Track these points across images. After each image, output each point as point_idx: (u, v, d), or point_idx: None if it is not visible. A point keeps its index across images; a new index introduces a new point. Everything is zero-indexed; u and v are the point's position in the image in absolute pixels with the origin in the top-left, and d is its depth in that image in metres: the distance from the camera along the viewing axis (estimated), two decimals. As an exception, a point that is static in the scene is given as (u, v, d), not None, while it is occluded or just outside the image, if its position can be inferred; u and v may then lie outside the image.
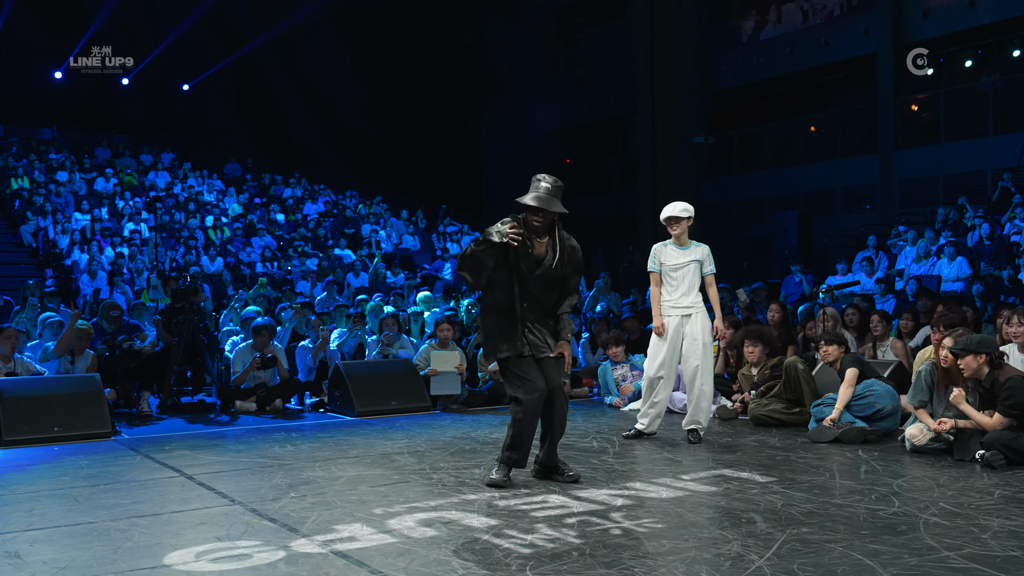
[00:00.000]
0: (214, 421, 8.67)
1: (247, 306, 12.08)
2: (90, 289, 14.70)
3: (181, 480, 5.71)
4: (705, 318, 7.01)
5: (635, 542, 4.10)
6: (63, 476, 5.89)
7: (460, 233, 21.49)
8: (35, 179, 20.98)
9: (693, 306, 6.98)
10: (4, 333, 8.26)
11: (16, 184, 20.47)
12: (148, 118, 26.16)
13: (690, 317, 6.97)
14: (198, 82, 27.00)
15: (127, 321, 10.25)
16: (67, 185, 20.85)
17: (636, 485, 5.31)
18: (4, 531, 4.46)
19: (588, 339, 11.33)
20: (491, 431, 7.60)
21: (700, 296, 7.05)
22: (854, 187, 20.32)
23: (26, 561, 3.93)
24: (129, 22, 23.62)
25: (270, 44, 25.04)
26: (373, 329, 10.63)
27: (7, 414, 7.28)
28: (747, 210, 21.83)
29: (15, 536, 4.36)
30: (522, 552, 3.96)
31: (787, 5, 21.75)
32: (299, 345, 10.27)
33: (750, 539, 4.12)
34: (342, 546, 4.08)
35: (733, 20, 22.88)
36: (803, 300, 12.87)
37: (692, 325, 6.95)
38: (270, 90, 25.84)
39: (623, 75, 24.18)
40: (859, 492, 5.09)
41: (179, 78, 26.99)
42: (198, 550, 4.05)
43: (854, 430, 6.75)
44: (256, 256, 18.31)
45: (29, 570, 3.79)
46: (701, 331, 6.94)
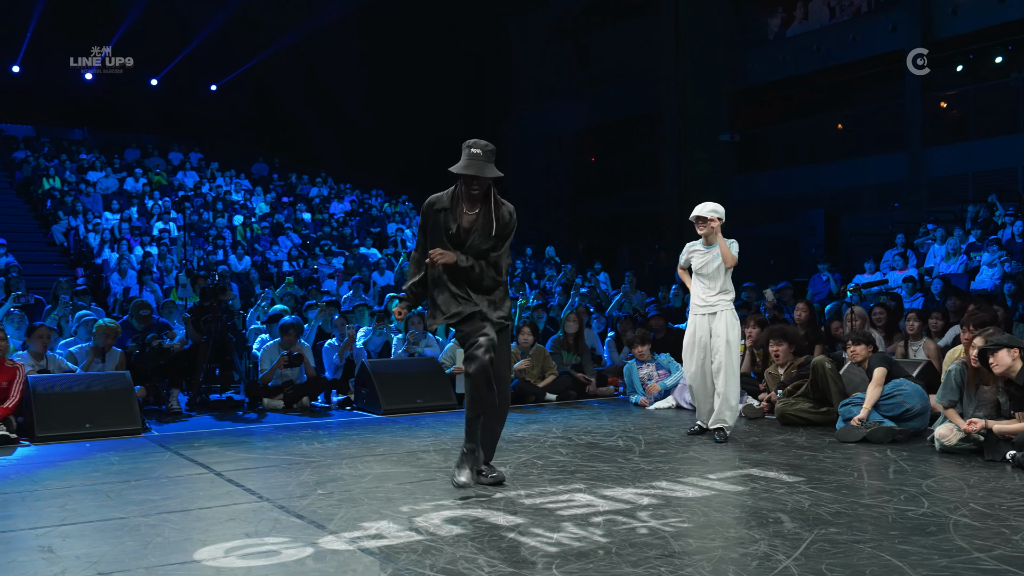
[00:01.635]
0: (242, 418, 8.73)
1: (274, 304, 12.16)
2: (120, 288, 14.83)
3: (210, 477, 5.75)
4: (731, 316, 7.00)
5: (662, 541, 4.08)
6: (94, 472, 5.95)
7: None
8: (66, 179, 21.19)
9: (718, 304, 6.99)
10: (36, 331, 8.36)
11: (48, 184, 20.70)
12: (177, 119, 26.39)
13: (715, 315, 6.98)
14: (225, 83, 27.20)
15: (157, 319, 10.33)
16: (97, 185, 21.05)
17: (662, 484, 5.29)
18: (37, 526, 4.51)
19: (614, 338, 11.30)
20: (516, 429, 7.60)
21: (727, 295, 7.03)
22: (882, 185, 20.11)
23: (59, 556, 3.97)
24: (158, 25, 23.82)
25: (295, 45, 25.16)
26: (399, 327, 10.67)
27: (40, 411, 7.37)
28: (773, 208, 21.66)
29: (48, 531, 4.40)
30: (548, 550, 3.95)
31: (814, 2, 21.59)
32: (326, 343, 10.32)
33: (777, 539, 4.09)
34: (369, 543, 4.10)
35: (759, 17, 22.74)
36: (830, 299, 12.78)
37: (717, 323, 6.97)
38: (296, 90, 25.96)
39: (648, 73, 24.08)
40: (888, 492, 5.04)
41: (207, 79, 27.20)
42: (227, 546, 4.08)
43: (882, 430, 6.69)
44: (283, 255, 18.41)
45: (62, 564, 3.83)
46: (725, 328, 6.94)
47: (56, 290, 11.95)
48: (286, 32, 25.01)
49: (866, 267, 14.35)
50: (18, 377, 7.46)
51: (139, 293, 14.11)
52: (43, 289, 13.45)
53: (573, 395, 9.86)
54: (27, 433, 7.35)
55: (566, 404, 9.50)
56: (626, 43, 25.06)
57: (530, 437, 7.19)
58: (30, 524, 4.56)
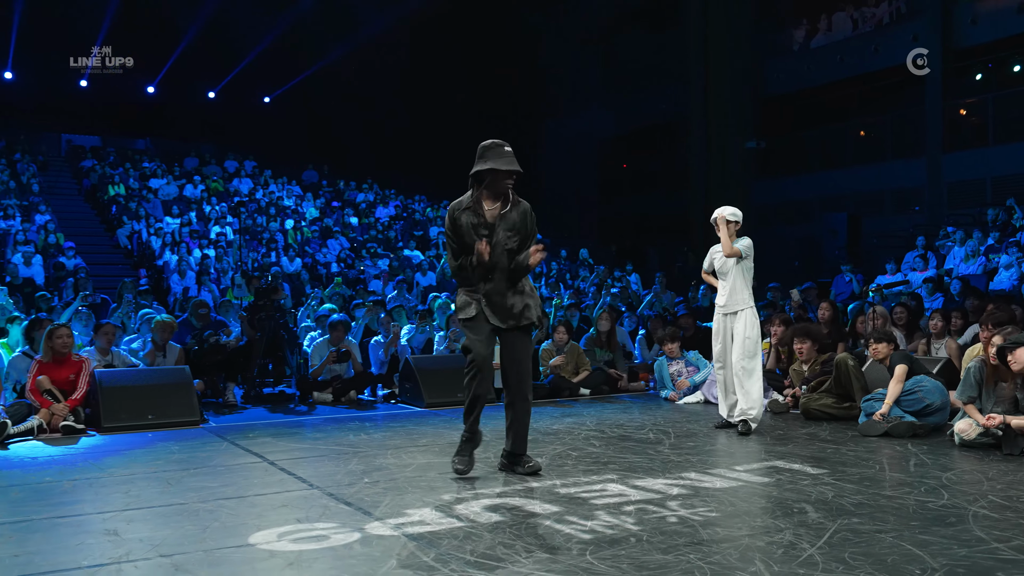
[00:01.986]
0: (293, 411, 8.80)
1: (323, 304, 12.25)
2: (180, 288, 15.03)
3: (264, 465, 5.80)
4: (751, 315, 6.94)
5: (690, 529, 4.05)
6: (156, 460, 6.03)
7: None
8: (130, 186, 21.51)
9: (737, 304, 6.95)
10: (103, 329, 8.49)
11: (113, 191, 21.02)
12: (232, 129, 26.70)
13: (736, 315, 6.94)
14: (277, 95, 27.47)
15: (214, 317, 10.45)
16: (159, 191, 21.34)
17: (691, 475, 5.26)
18: (103, 510, 4.58)
19: (644, 335, 11.26)
20: (552, 422, 7.59)
21: (747, 295, 6.97)
22: (902, 189, 19.84)
23: (123, 538, 4.02)
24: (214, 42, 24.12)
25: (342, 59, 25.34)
26: (441, 325, 10.69)
27: (105, 403, 7.48)
28: (797, 211, 21.45)
29: (113, 515, 4.46)
30: (582, 537, 3.94)
31: (837, 14, 21.34)
32: (372, 340, 10.38)
33: (802, 528, 4.05)
34: (413, 529, 4.11)
35: (784, 29, 22.52)
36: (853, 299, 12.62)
37: (737, 323, 6.92)
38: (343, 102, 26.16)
39: (676, 82, 23.95)
40: (908, 484, 4.97)
41: (260, 92, 27.50)
42: (280, 531, 4.11)
43: (903, 424, 6.60)
44: (332, 257, 18.53)
45: (126, 547, 3.88)
46: (744, 326, 6.89)
47: (121, 290, 12.14)
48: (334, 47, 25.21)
49: (887, 268, 14.17)
50: (84, 370, 7.58)
51: (197, 293, 14.28)
52: (109, 289, 13.66)
53: (605, 390, 9.84)
54: (94, 424, 7.46)
55: (599, 398, 9.48)
56: (654, 54, 24.96)
57: (565, 430, 7.17)
58: (97, 509, 4.63)
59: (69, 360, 7.56)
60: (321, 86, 26.40)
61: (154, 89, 25.76)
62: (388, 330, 10.24)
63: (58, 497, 4.93)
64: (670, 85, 24.20)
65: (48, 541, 4.00)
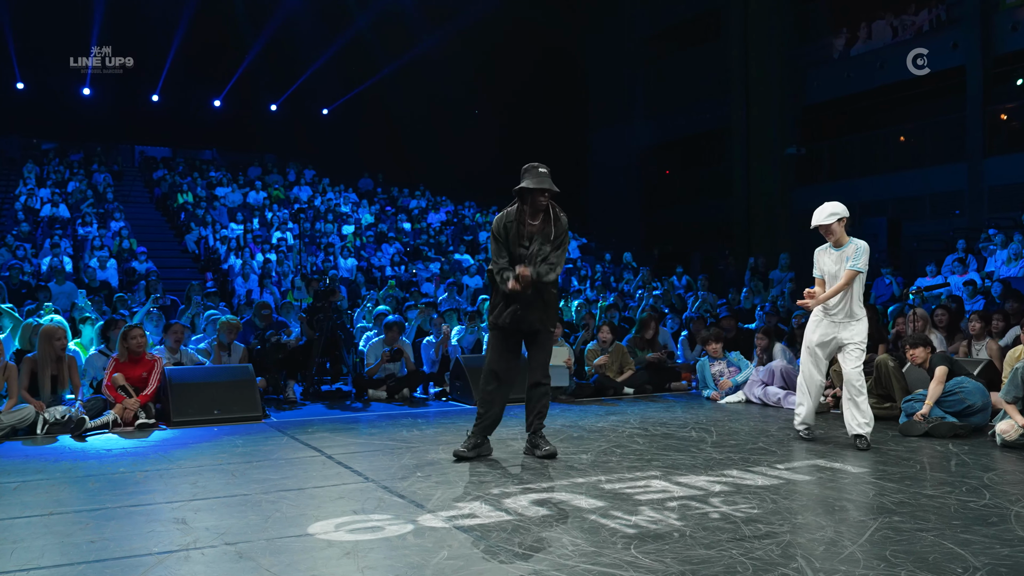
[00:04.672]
0: (350, 407, 8.87)
1: (378, 305, 12.33)
2: (243, 290, 15.24)
3: (322, 459, 5.85)
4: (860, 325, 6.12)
5: (733, 526, 4.00)
6: (221, 453, 6.12)
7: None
8: (197, 194, 21.88)
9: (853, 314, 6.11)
10: (172, 329, 8.65)
11: (182, 199, 21.41)
12: (293, 140, 27.07)
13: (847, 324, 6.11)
14: (335, 107, 27.78)
15: (276, 318, 10.58)
16: (224, 199, 21.69)
17: (733, 472, 5.19)
18: (172, 500, 4.66)
19: (687, 336, 11.15)
20: (597, 420, 7.56)
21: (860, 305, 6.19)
22: (943, 193, 19.38)
23: (191, 527, 4.09)
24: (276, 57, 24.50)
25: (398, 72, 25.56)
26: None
27: (175, 399, 7.62)
28: (838, 217, 21.06)
29: (182, 505, 4.55)
30: (627, 532, 3.92)
31: (877, 22, 20.93)
32: (424, 340, 10.42)
33: (843, 526, 3.98)
34: (463, 522, 4.12)
35: (824, 38, 22.15)
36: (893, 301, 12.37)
37: (847, 332, 6.11)
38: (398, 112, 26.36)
39: (717, 92, 23.72)
40: (950, 484, 4.85)
41: (318, 104, 27.84)
42: (337, 521, 4.14)
43: (944, 425, 6.44)
44: (386, 260, 18.66)
45: (193, 535, 3.95)
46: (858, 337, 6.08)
47: (189, 292, 12.36)
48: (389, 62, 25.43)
49: (928, 271, 13.86)
50: (156, 368, 7.72)
51: (260, 295, 14.47)
52: (178, 291, 13.91)
53: (649, 389, 9.76)
54: (163, 418, 7.61)
55: (642, 397, 9.41)
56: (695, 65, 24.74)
57: (609, 427, 7.13)
58: (166, 499, 4.72)
59: (143, 359, 7.70)
60: (376, 98, 26.66)
61: (220, 103, 26.24)
62: (439, 331, 10.27)
63: (131, 487, 5.03)
64: (712, 96, 23.97)
65: (122, 528, 4.09)
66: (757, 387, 8.75)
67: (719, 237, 22.83)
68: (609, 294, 15.39)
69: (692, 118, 24.84)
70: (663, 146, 26.30)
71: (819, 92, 22.08)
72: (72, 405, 7.23)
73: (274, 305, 11.79)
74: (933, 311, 9.16)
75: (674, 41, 25.91)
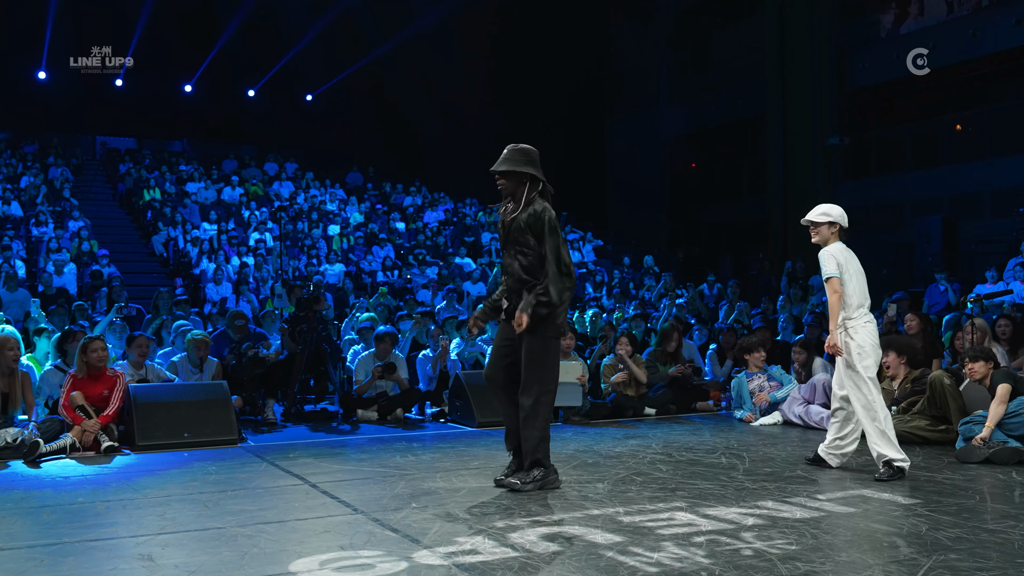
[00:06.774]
0: (336, 429, 8.89)
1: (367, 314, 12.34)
2: (217, 298, 15.28)
3: (305, 488, 5.87)
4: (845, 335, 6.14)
5: (768, 564, 4.00)
6: (193, 481, 6.14)
7: (582, 240, 21.41)
8: (166, 190, 21.96)
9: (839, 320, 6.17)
10: (136, 341, 8.67)
11: (148, 195, 21.48)
12: (273, 129, 27.12)
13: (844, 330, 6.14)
14: (321, 92, 27.85)
15: (253, 329, 10.59)
16: (196, 195, 21.76)
17: (768, 504, 5.19)
18: (138, 534, 4.67)
19: (716, 350, 11.12)
20: (614, 444, 7.55)
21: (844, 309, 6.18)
22: (1005, 189, 19.32)
23: (158, 564, 4.10)
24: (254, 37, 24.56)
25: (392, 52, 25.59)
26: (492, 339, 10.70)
27: (140, 420, 7.64)
28: (886, 215, 21.04)
29: (148, 539, 4.55)
30: (648, 571, 3.91)
31: (930, -3, 20.94)
32: (420, 355, 10.43)
33: (892, 564, 3.97)
34: (464, 559, 4.12)
35: (870, 14, 22.14)
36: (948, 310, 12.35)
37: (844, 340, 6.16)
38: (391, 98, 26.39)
39: (752, 76, 23.72)
40: (1013, 517, 4.84)
41: (302, 90, 27.91)
42: (322, 558, 4.15)
43: (1007, 450, 6.43)
44: (377, 265, 18.70)
45: (161, 573, 3.96)
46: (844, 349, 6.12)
47: (156, 300, 12.39)
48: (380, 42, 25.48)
49: (988, 276, 13.84)
50: (119, 385, 7.74)
51: (235, 303, 14.49)
52: (143, 299, 13.96)
53: (673, 409, 9.74)
54: (128, 441, 7.62)
55: (665, 419, 9.41)
56: (728, 46, 24.78)
57: (628, 452, 7.13)
58: (131, 532, 4.72)
59: (104, 375, 7.73)
60: (367, 82, 26.70)
61: (191, 88, 26.30)
62: (437, 344, 10.28)
63: (91, 519, 5.04)
64: (746, 78, 23.98)
65: (81, 566, 4.10)
66: (798, 405, 8.72)
67: (752, 239, 22.81)
68: (628, 302, 15.38)
69: (723, 104, 24.84)
70: (690, 135, 26.29)
71: (865, 75, 22.03)
72: (25, 427, 7.25)
73: (251, 315, 11.83)
74: (994, 321, 9.15)
75: (704, 16, 25.91)
